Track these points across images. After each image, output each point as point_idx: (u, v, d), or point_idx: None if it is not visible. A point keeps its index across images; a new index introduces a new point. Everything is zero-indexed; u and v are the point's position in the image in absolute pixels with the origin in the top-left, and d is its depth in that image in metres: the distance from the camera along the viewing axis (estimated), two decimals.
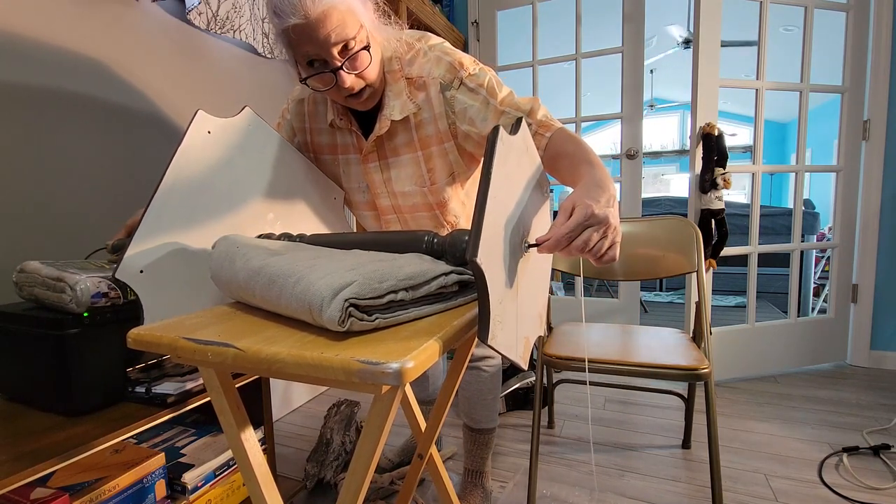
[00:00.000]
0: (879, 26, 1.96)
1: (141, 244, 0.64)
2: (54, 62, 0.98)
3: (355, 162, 0.93)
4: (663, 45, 5.02)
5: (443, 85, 0.82)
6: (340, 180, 0.97)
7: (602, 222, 0.53)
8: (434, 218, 0.94)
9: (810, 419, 1.62)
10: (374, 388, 0.43)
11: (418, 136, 0.86)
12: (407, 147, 0.87)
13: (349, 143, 0.92)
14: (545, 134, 0.78)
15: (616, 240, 0.55)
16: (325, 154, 0.96)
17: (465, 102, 0.81)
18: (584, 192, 0.57)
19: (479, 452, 1.19)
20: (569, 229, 0.51)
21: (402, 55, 0.84)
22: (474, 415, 1.15)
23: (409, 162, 0.88)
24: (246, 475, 0.59)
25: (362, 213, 1.00)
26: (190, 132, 0.69)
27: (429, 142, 0.86)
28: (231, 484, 1.01)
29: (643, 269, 1.33)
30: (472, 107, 0.81)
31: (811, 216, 3.13)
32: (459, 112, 0.82)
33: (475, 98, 0.81)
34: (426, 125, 0.85)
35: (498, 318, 0.46)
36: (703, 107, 1.83)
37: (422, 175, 0.88)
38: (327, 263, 0.51)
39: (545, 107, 0.81)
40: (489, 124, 0.80)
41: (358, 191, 0.95)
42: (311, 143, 0.96)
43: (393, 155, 0.89)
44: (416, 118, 0.85)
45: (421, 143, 0.87)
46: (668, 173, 8.00)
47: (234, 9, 1.33)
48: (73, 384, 0.73)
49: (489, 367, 1.13)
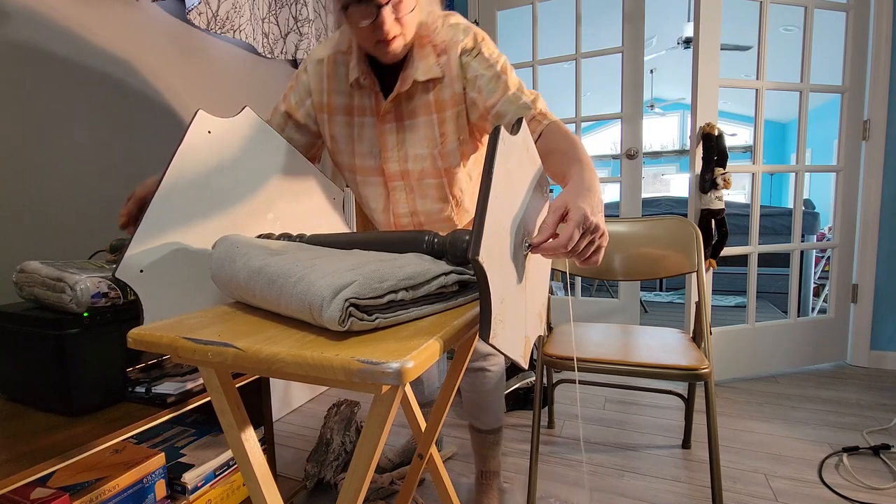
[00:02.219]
0: (879, 26, 1.96)
1: (141, 244, 0.64)
2: (54, 62, 0.98)
3: (370, 125, 0.93)
4: (663, 45, 5.02)
5: (463, 50, 0.86)
6: (352, 144, 0.96)
7: (594, 229, 0.54)
8: (440, 187, 0.94)
9: (810, 419, 1.62)
10: (375, 387, 0.43)
11: (435, 99, 0.88)
12: (423, 109, 0.89)
13: (366, 106, 0.92)
14: (542, 121, 0.82)
15: (602, 244, 0.57)
16: (339, 115, 0.94)
17: (477, 70, 0.85)
18: (575, 193, 0.57)
19: (489, 453, 1.18)
20: (568, 238, 0.52)
21: (431, 24, 0.86)
22: (482, 417, 1.14)
23: (424, 124, 0.90)
24: (246, 475, 0.59)
25: (367, 180, 0.98)
26: (190, 132, 0.69)
27: (444, 105, 0.88)
28: (231, 484, 1.01)
29: (643, 269, 1.33)
30: (483, 76, 0.84)
31: (811, 216, 3.13)
32: (471, 78, 0.85)
33: (488, 69, 0.85)
34: (444, 88, 0.87)
35: (499, 316, 0.46)
36: (703, 107, 1.83)
37: (434, 138, 0.90)
38: (327, 263, 0.51)
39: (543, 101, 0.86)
40: (495, 97, 0.84)
41: (369, 155, 0.95)
42: (326, 104, 0.95)
43: (409, 117, 0.90)
44: (436, 81, 0.87)
45: (437, 106, 0.88)
46: (668, 173, 8.00)
47: (234, 9, 1.33)
48: (73, 384, 0.73)
49: (494, 368, 1.12)
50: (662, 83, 6.64)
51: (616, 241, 1.37)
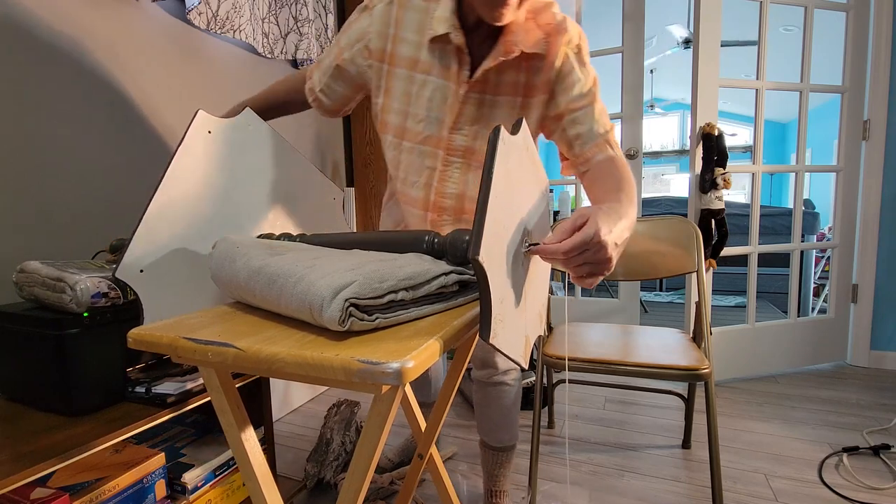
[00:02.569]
0: (879, 26, 1.96)
1: (141, 244, 0.64)
2: (54, 62, 0.98)
3: (435, 87, 0.82)
4: (663, 45, 5.02)
5: (569, 41, 0.81)
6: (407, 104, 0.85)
7: (600, 250, 0.51)
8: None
9: (810, 419, 1.62)
10: (375, 387, 0.43)
11: (526, 80, 0.82)
12: (510, 88, 0.82)
13: (435, 64, 0.81)
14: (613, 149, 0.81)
15: (602, 273, 0.54)
16: (401, 67, 0.84)
17: (573, 68, 0.81)
18: (606, 213, 0.54)
19: (500, 472, 1.12)
20: (569, 247, 0.50)
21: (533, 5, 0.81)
22: (497, 434, 1.09)
23: (506, 104, 0.83)
24: (246, 475, 0.59)
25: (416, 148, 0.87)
26: (190, 132, 0.69)
27: (534, 89, 0.82)
28: (231, 484, 1.01)
29: (643, 269, 1.33)
30: (577, 76, 0.81)
31: (811, 216, 3.13)
32: (565, 72, 0.81)
33: (585, 74, 0.81)
34: (539, 72, 0.81)
35: (499, 316, 0.46)
36: (703, 107, 1.83)
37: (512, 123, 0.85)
38: (328, 263, 0.51)
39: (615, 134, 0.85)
40: (577, 103, 0.81)
41: (425, 120, 0.84)
42: (389, 53, 0.84)
43: (493, 92, 0.82)
44: (536, 62, 0.81)
45: (525, 89, 0.82)
46: (668, 173, 8.00)
47: (234, 9, 1.33)
48: (73, 384, 0.73)
49: (513, 382, 1.07)
50: (662, 83, 6.65)
51: None
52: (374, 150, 2.03)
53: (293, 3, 1.62)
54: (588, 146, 0.83)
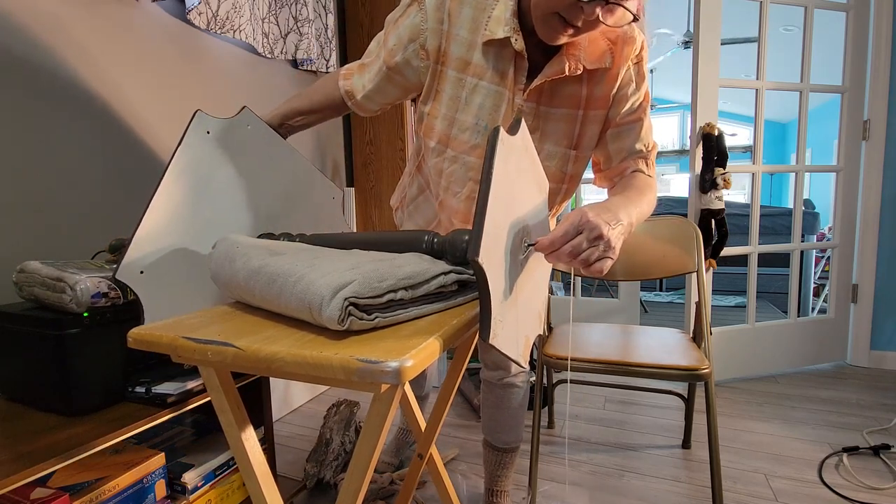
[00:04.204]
0: (879, 26, 1.96)
1: (141, 244, 0.64)
2: (54, 62, 0.98)
3: (489, 94, 0.76)
4: (663, 45, 5.02)
5: (634, 50, 0.75)
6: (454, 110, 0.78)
7: (594, 230, 0.52)
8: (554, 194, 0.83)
9: (810, 419, 1.62)
10: (374, 386, 0.43)
11: (587, 93, 0.76)
12: (569, 101, 0.76)
13: (488, 68, 0.75)
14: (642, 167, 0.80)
15: (608, 255, 0.54)
16: (451, 68, 0.77)
17: (631, 84, 0.77)
18: (598, 207, 0.57)
19: (503, 472, 1.12)
20: (561, 233, 0.53)
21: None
22: (503, 435, 1.09)
23: (564, 117, 0.77)
24: (246, 475, 0.59)
25: (460, 157, 0.80)
26: (190, 132, 0.69)
27: (596, 102, 0.77)
28: (231, 484, 1.01)
29: (643, 269, 1.33)
30: (632, 89, 0.77)
31: (811, 216, 3.13)
32: (622, 86, 0.76)
33: (639, 85, 0.77)
34: (602, 84, 0.76)
35: (499, 316, 0.46)
36: (703, 107, 1.83)
37: (572, 136, 0.78)
38: (327, 263, 0.51)
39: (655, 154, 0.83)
40: (629, 117, 0.78)
41: (473, 129, 0.78)
42: (441, 51, 0.76)
43: (549, 104, 0.76)
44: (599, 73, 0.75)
45: (587, 102, 0.77)
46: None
47: (234, 9, 1.33)
48: (73, 384, 0.73)
49: (523, 383, 1.06)
50: (662, 83, 6.64)
51: None
52: (374, 150, 2.03)
53: (293, 3, 1.62)
54: (626, 161, 0.81)
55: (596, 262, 0.54)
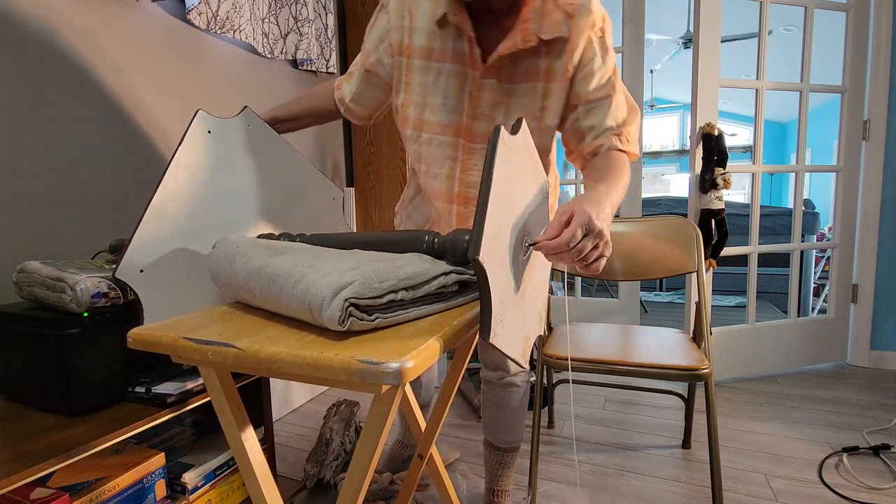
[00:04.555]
0: (879, 26, 1.96)
1: (141, 244, 0.64)
2: (54, 62, 0.98)
3: (452, 73, 0.79)
4: (663, 45, 5.02)
5: (593, 23, 0.76)
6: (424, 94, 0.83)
7: (597, 234, 0.54)
8: None
9: (810, 419, 1.62)
10: (374, 387, 0.43)
11: (546, 66, 0.77)
12: (529, 74, 0.78)
13: (449, 50, 0.79)
14: (619, 144, 0.78)
15: (605, 253, 0.56)
16: (417, 58, 0.81)
17: (594, 53, 0.76)
18: (585, 202, 0.57)
19: (504, 472, 1.12)
20: (570, 236, 0.52)
21: None
22: (504, 435, 1.09)
23: (526, 91, 0.79)
24: (246, 475, 0.59)
25: (435, 139, 0.84)
26: (190, 132, 0.69)
27: (555, 75, 0.77)
28: (231, 484, 1.01)
29: (643, 269, 1.33)
30: (597, 63, 0.77)
31: (811, 216, 3.13)
32: (587, 59, 0.76)
33: (604, 58, 0.77)
34: (562, 57, 0.76)
35: (499, 316, 0.46)
36: (703, 107, 1.83)
37: (535, 110, 0.80)
38: (327, 263, 0.51)
39: (637, 124, 0.80)
40: (597, 93, 0.77)
41: (442, 109, 0.81)
42: (406, 45, 0.82)
43: (508, 80, 0.78)
44: (557, 46, 0.76)
45: (546, 75, 0.78)
46: (668, 173, 8.00)
47: (234, 9, 1.33)
48: (73, 384, 0.73)
49: (522, 383, 1.06)
50: (662, 83, 6.65)
51: (616, 240, 1.37)
52: (374, 150, 2.03)
53: (293, 3, 1.62)
54: (600, 139, 0.79)
55: (594, 261, 0.55)
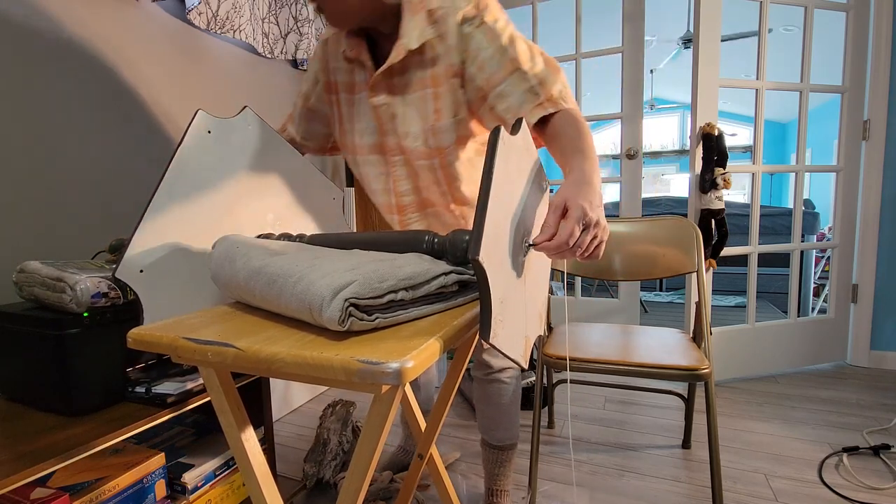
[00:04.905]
0: (879, 26, 1.96)
1: (141, 244, 0.64)
2: (54, 62, 0.98)
3: (363, 99, 0.89)
4: (663, 45, 5.02)
5: (464, 18, 0.78)
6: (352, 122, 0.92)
7: (595, 224, 0.54)
8: (433, 170, 0.88)
9: (810, 419, 1.62)
10: (374, 387, 0.43)
11: (432, 73, 0.82)
12: (418, 83, 0.83)
13: (362, 80, 0.88)
14: (548, 109, 0.75)
15: (604, 238, 0.56)
16: (343, 93, 0.92)
17: (480, 43, 0.78)
18: (574, 189, 0.57)
19: (502, 471, 1.12)
20: (568, 234, 0.52)
21: None
22: (498, 433, 1.09)
23: (418, 100, 0.84)
24: (246, 475, 0.59)
25: (367, 159, 0.93)
26: (190, 132, 0.69)
27: (439, 79, 0.81)
28: (231, 484, 1.01)
29: (643, 269, 1.33)
30: (486, 50, 0.77)
31: (811, 216, 3.13)
32: (472, 52, 0.78)
33: (491, 42, 0.77)
34: (441, 60, 0.80)
35: (499, 316, 0.46)
36: (703, 107, 1.83)
37: (428, 114, 0.84)
38: (327, 263, 0.51)
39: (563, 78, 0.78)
40: (500, 74, 0.77)
41: (367, 132, 0.90)
42: (332, 83, 0.93)
43: (402, 91, 0.84)
44: (433, 52, 0.80)
45: (433, 80, 0.82)
46: (668, 173, 8.00)
47: (234, 9, 1.33)
48: (73, 384, 0.73)
49: (509, 379, 1.07)
50: (662, 83, 6.65)
51: (616, 241, 1.37)
52: None
53: (293, 3, 1.62)
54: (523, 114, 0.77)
55: (595, 249, 0.56)
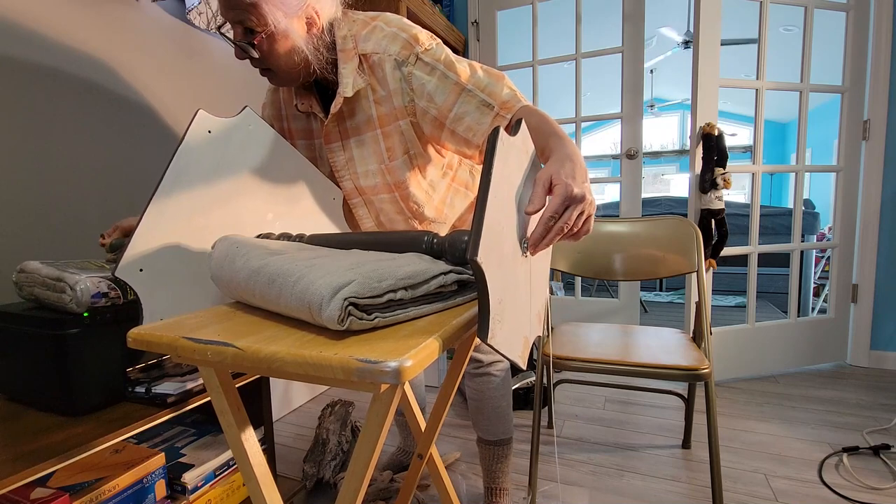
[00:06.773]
0: (879, 26, 1.96)
1: (141, 243, 0.64)
2: (55, 62, 0.98)
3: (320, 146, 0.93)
4: (663, 45, 5.02)
5: (398, 61, 0.80)
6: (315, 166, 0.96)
7: (580, 200, 0.54)
8: (394, 202, 0.92)
9: (810, 419, 1.62)
10: (373, 386, 0.43)
11: (377, 114, 0.85)
12: (367, 125, 0.87)
13: (319, 128, 0.91)
14: (506, 116, 0.78)
15: (591, 212, 0.56)
16: (301, 139, 0.95)
17: (422, 79, 0.80)
18: (559, 165, 0.57)
19: (499, 468, 1.12)
20: (554, 208, 0.53)
21: (358, 33, 0.83)
22: (490, 427, 1.10)
23: (370, 140, 0.87)
24: (246, 475, 0.59)
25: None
26: (190, 132, 0.69)
27: (386, 119, 0.85)
28: (231, 484, 1.01)
29: (643, 269, 1.33)
30: (430, 82, 0.80)
31: (811, 216, 3.13)
32: (417, 88, 0.81)
33: (432, 73, 0.80)
34: (384, 102, 0.84)
35: (497, 317, 0.46)
36: (703, 107, 1.83)
37: (381, 153, 0.88)
38: (327, 263, 0.51)
39: (509, 82, 0.80)
40: (449, 99, 0.79)
41: (329, 176, 0.96)
42: (288, 130, 0.96)
43: (354, 134, 0.88)
44: (375, 95, 0.84)
45: (380, 121, 0.86)
46: (668, 173, 8.00)
47: None
48: (73, 384, 0.73)
49: (499, 372, 1.08)
50: (662, 83, 6.64)
51: (616, 241, 1.37)
52: None
53: None
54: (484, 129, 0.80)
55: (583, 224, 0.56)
